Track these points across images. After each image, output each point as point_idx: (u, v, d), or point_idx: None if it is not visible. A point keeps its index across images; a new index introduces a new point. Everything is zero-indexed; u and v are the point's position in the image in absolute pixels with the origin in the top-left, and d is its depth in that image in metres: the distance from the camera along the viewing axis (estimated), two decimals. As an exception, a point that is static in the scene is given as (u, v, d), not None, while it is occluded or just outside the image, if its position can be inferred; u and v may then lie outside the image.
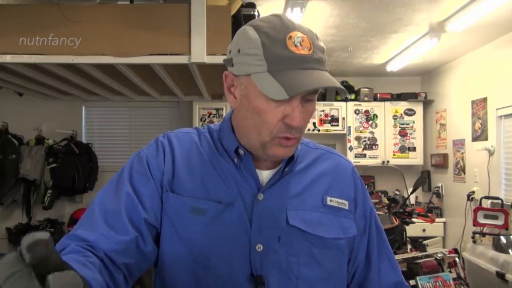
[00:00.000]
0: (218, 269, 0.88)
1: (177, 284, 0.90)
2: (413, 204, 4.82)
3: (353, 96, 5.45)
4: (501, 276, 3.14)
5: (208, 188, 0.92)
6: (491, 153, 4.13)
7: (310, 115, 0.90)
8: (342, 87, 0.85)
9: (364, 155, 5.40)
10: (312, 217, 0.93)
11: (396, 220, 3.33)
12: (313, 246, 0.92)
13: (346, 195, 1.00)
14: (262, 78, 0.84)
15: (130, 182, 0.91)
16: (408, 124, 5.44)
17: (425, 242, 3.20)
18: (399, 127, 5.43)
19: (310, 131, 5.33)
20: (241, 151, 0.93)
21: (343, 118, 5.41)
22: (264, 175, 0.95)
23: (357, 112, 5.41)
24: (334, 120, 5.41)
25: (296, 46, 0.84)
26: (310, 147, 1.04)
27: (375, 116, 5.43)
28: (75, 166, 4.74)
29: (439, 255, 2.83)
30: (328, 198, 0.96)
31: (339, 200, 0.97)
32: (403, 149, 5.43)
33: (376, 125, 5.43)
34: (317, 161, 1.02)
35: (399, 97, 5.46)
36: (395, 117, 5.44)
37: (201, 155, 0.96)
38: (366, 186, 1.13)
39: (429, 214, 3.57)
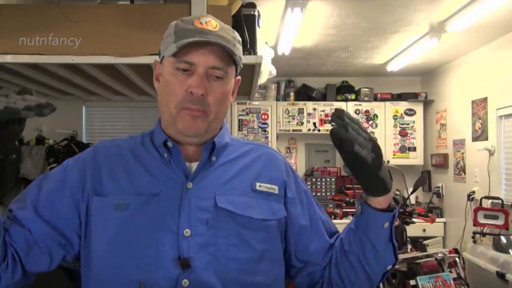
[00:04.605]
0: (145, 257, 0.91)
1: (104, 275, 0.94)
2: (413, 204, 4.83)
3: (353, 96, 5.45)
4: (501, 276, 3.14)
5: (133, 185, 0.97)
6: (491, 153, 4.12)
7: (221, 95, 0.97)
8: (230, 49, 0.94)
9: (364, 155, 5.39)
10: (241, 201, 0.98)
11: (396, 220, 3.33)
12: (242, 228, 0.96)
13: (276, 181, 1.03)
14: (168, 48, 0.95)
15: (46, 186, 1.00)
16: (408, 124, 5.43)
17: (425, 242, 3.20)
18: (399, 127, 5.43)
19: (311, 131, 5.34)
20: (169, 143, 0.98)
21: (343, 118, 5.40)
22: (194, 167, 1.00)
23: (357, 112, 5.41)
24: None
25: (201, 23, 0.95)
26: (241, 142, 1.10)
27: (375, 116, 5.43)
28: (75, 166, 4.74)
29: (439, 255, 2.83)
30: (257, 184, 1.01)
31: (268, 185, 1.02)
32: (403, 149, 5.42)
33: (376, 125, 5.42)
34: (247, 153, 1.07)
35: (399, 97, 5.46)
36: (395, 117, 5.43)
37: (129, 157, 1.01)
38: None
39: (429, 214, 3.57)
